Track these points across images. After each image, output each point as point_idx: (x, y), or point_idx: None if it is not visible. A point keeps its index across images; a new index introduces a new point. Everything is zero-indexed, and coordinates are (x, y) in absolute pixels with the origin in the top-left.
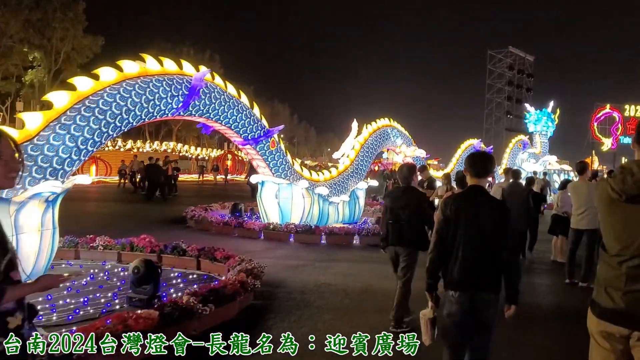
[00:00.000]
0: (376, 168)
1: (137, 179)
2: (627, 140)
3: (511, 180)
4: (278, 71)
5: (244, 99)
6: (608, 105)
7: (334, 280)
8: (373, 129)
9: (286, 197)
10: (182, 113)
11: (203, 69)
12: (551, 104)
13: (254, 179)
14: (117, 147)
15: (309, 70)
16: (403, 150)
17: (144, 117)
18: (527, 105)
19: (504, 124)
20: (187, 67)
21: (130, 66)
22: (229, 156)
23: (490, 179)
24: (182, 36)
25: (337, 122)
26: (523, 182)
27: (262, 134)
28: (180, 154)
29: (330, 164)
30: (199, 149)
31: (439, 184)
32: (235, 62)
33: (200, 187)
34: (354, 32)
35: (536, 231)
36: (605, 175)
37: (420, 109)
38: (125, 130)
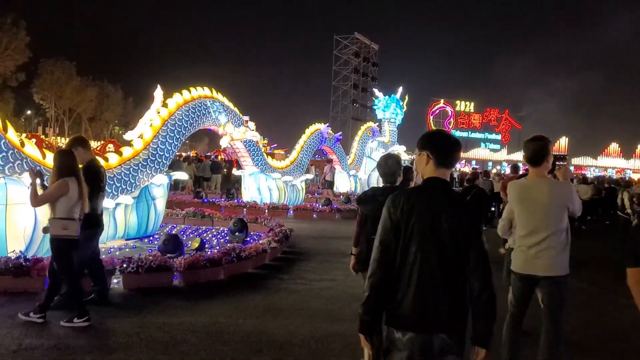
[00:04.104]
0: (220, 157)
1: None
2: (459, 133)
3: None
4: (108, 47)
5: None
6: (442, 100)
7: None
8: (184, 99)
9: None
10: None
11: None
12: (400, 90)
13: None
14: None
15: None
16: (229, 131)
17: None
18: (375, 90)
19: (350, 113)
20: None
21: None
22: (110, 146)
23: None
24: None
25: None
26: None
27: None
28: None
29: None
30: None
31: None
32: (49, 32)
33: None
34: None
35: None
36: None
37: (265, 94)
38: None
